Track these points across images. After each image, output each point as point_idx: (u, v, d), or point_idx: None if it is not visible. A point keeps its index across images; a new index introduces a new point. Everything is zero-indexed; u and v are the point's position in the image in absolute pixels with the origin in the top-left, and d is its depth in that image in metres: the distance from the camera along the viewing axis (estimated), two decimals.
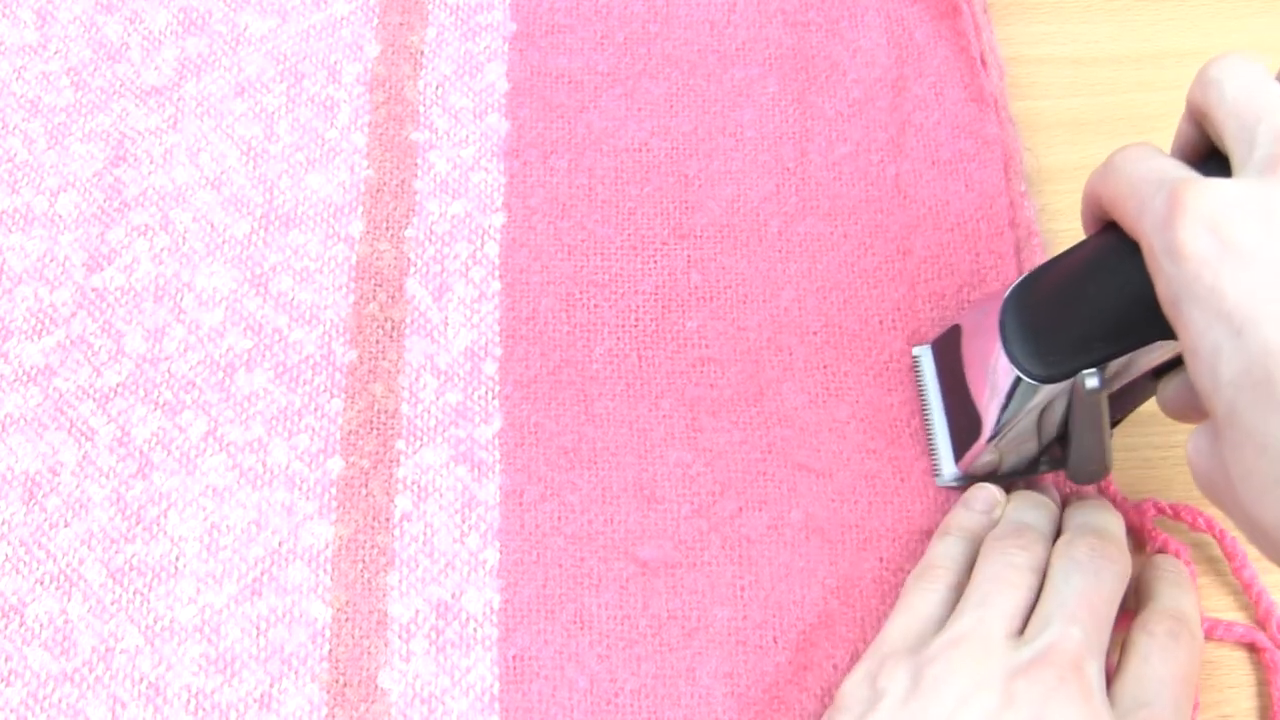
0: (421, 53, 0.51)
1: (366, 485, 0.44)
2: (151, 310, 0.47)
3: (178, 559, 0.43)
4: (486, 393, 0.46)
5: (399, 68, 0.51)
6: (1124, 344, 0.36)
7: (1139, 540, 0.44)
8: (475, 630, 0.42)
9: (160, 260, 0.47)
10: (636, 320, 0.47)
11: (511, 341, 0.46)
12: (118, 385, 0.45)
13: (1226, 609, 0.43)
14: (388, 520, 0.43)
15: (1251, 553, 0.43)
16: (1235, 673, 0.42)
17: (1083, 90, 0.53)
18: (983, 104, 0.51)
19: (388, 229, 0.48)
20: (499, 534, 0.43)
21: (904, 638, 0.40)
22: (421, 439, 0.45)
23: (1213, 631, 0.42)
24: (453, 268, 0.48)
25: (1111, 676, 0.39)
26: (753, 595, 0.43)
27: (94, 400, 0.45)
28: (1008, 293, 0.40)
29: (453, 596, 0.43)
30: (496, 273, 0.48)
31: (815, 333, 0.47)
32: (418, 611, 0.42)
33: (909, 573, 0.43)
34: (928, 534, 0.44)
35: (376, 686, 0.41)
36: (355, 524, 0.43)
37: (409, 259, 0.48)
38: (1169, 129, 0.53)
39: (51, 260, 0.47)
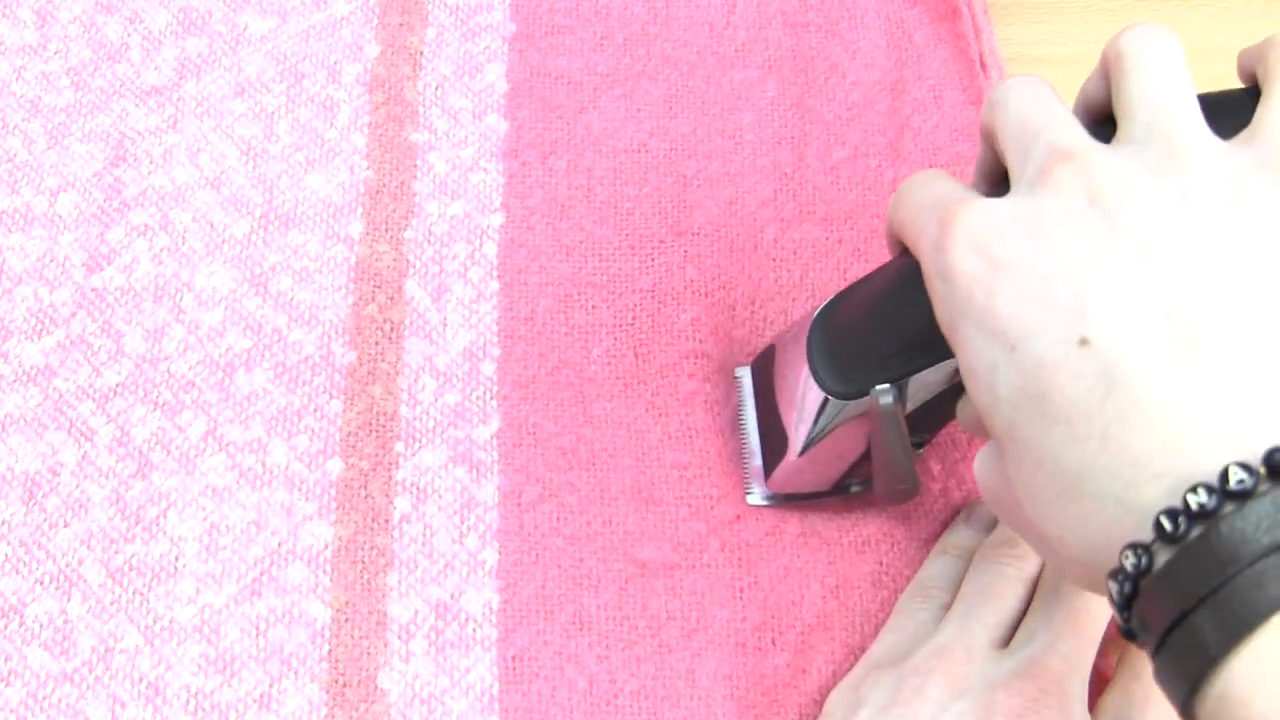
0: (421, 53, 0.51)
1: (366, 487, 0.44)
2: (151, 310, 0.47)
3: (177, 559, 0.43)
4: (485, 393, 0.46)
5: (399, 68, 0.51)
6: (918, 362, 0.37)
7: None
8: (475, 631, 0.42)
9: (160, 260, 0.47)
10: (634, 320, 0.47)
11: (510, 342, 0.46)
12: (117, 385, 0.45)
13: None
14: (387, 522, 0.43)
15: None
16: None
17: None
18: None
19: (387, 230, 0.48)
20: (498, 535, 0.43)
21: (891, 652, 0.40)
22: (420, 441, 0.45)
23: None
24: (451, 268, 0.48)
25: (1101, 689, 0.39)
26: (752, 597, 0.43)
27: (94, 400, 0.45)
28: (816, 312, 0.40)
29: (452, 597, 0.43)
30: (495, 273, 0.48)
31: None
32: (417, 612, 0.42)
33: (907, 577, 0.43)
34: (927, 540, 0.44)
35: (376, 687, 0.41)
36: (355, 525, 0.43)
37: (408, 260, 0.48)
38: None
39: (51, 260, 0.47)
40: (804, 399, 0.40)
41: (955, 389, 0.37)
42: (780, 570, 0.43)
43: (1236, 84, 0.55)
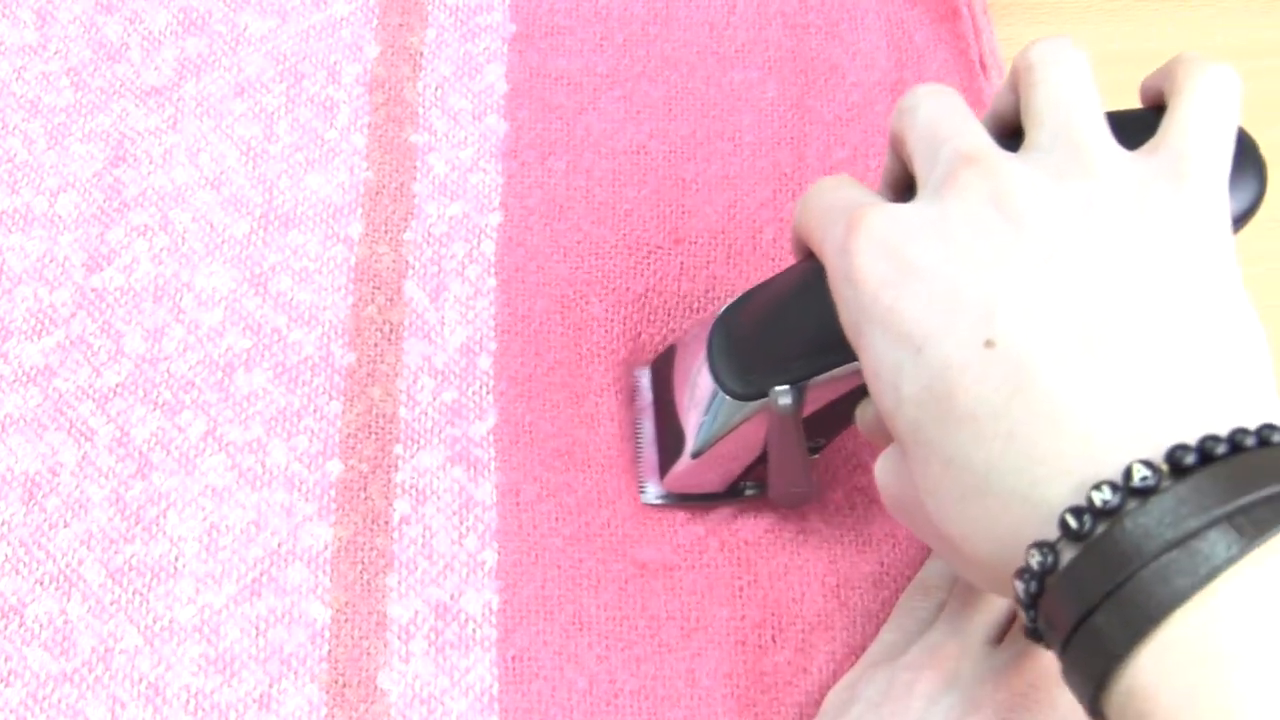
0: (421, 54, 0.51)
1: (365, 489, 0.44)
2: (151, 310, 0.47)
3: (177, 559, 0.43)
4: (481, 387, 0.46)
5: (398, 69, 0.51)
6: (818, 365, 0.37)
7: None
8: (474, 631, 0.42)
9: (160, 260, 0.47)
10: (630, 322, 0.47)
11: (507, 337, 0.46)
12: (117, 385, 0.45)
13: None
14: (386, 523, 0.43)
15: None
16: None
17: None
18: (982, 107, 0.51)
19: (386, 232, 0.48)
20: (497, 535, 0.43)
21: (889, 651, 0.40)
22: (419, 442, 0.45)
23: None
24: (449, 267, 0.48)
25: None
26: (751, 595, 0.43)
27: (93, 400, 0.45)
28: (718, 314, 0.40)
29: (451, 598, 0.43)
30: (492, 270, 0.48)
31: None
32: (417, 613, 0.42)
33: (908, 577, 0.43)
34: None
35: (376, 687, 0.41)
36: (354, 526, 0.43)
37: (407, 262, 0.48)
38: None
39: (51, 260, 0.47)
40: (703, 399, 0.40)
41: (854, 393, 0.37)
42: (780, 569, 0.43)
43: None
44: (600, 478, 0.44)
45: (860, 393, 0.37)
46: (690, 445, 0.41)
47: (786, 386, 0.38)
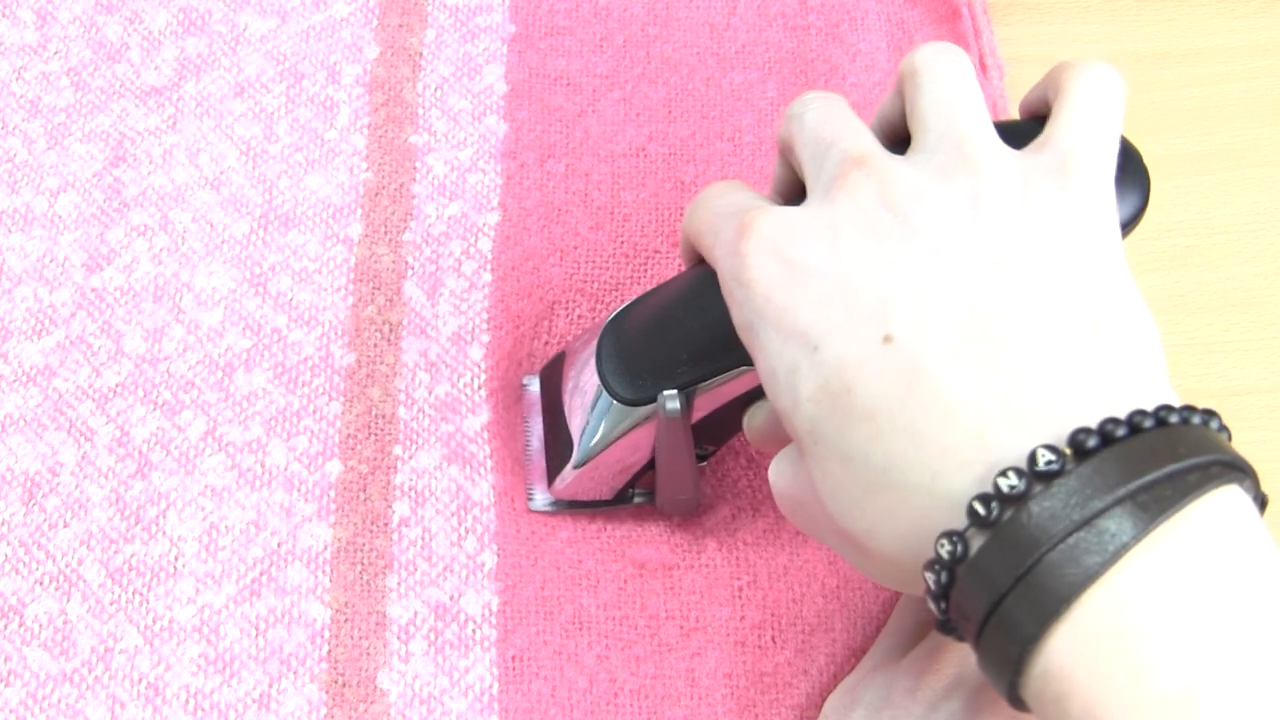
0: (420, 54, 0.51)
1: (365, 490, 0.44)
2: (151, 310, 0.47)
3: (177, 559, 0.43)
4: (473, 380, 0.46)
5: (398, 69, 0.51)
6: (706, 369, 0.37)
7: None
8: (474, 631, 0.42)
9: (160, 260, 0.47)
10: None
11: (500, 331, 0.46)
12: (117, 385, 0.45)
13: None
14: (386, 524, 0.44)
15: None
16: None
17: None
18: None
19: (385, 233, 0.48)
20: (496, 536, 0.43)
21: (888, 656, 0.40)
22: (417, 442, 0.45)
23: None
24: (446, 264, 0.48)
25: None
26: (751, 595, 0.43)
27: (93, 400, 0.45)
28: (608, 320, 0.40)
29: (451, 599, 0.43)
30: (488, 265, 0.48)
31: None
32: (416, 613, 0.42)
33: None
34: None
35: (375, 687, 0.41)
36: (354, 527, 0.43)
37: (407, 262, 0.48)
38: (1169, 129, 0.53)
39: (51, 260, 0.47)
40: (590, 405, 0.40)
41: (742, 400, 0.37)
42: (780, 569, 0.43)
43: (1238, 83, 0.55)
44: None
45: (747, 399, 0.37)
46: (577, 452, 0.41)
47: (674, 391, 0.38)
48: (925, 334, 0.29)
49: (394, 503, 0.44)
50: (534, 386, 0.46)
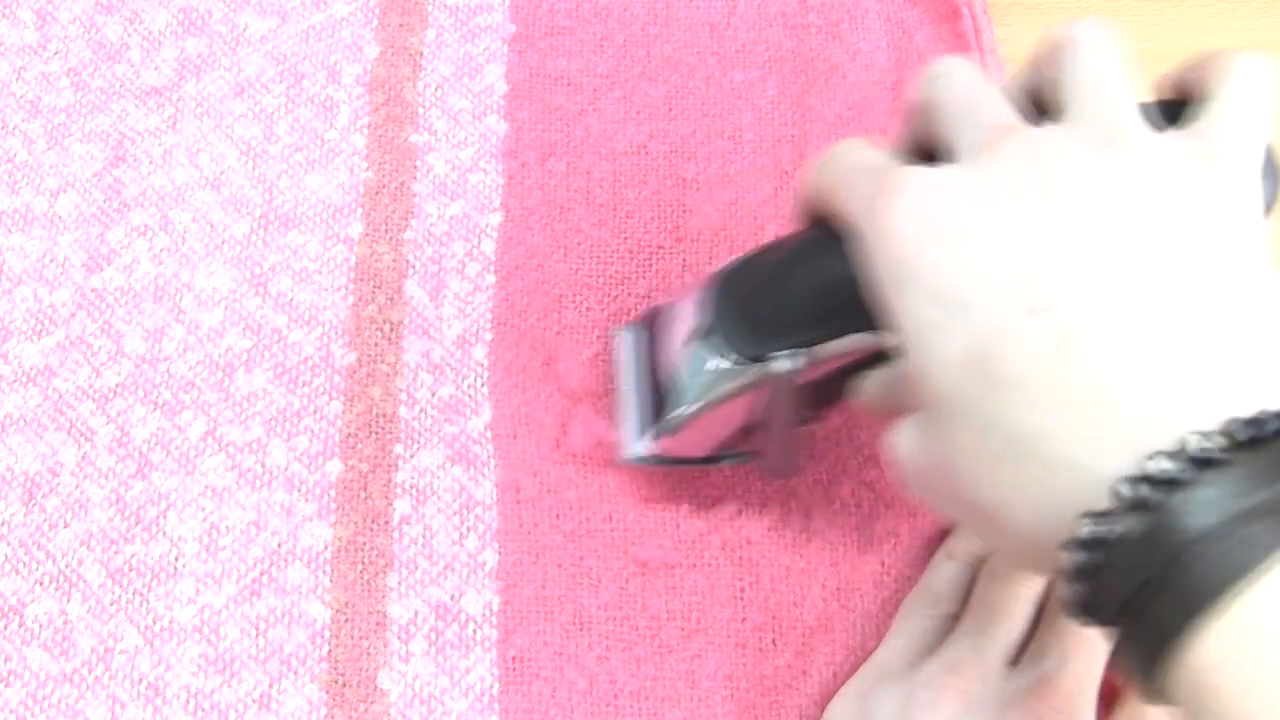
0: (421, 54, 0.51)
1: (365, 489, 0.44)
2: (151, 310, 0.47)
3: (177, 559, 0.43)
4: (476, 380, 0.46)
5: (398, 69, 0.51)
6: (820, 332, 0.36)
7: None
8: (475, 631, 0.42)
9: (160, 260, 0.47)
10: (628, 319, 0.47)
11: (503, 330, 0.46)
12: (117, 386, 0.45)
13: None
14: (387, 523, 0.43)
15: None
16: None
17: None
18: None
19: (386, 231, 0.48)
20: (497, 535, 0.43)
21: (898, 659, 0.40)
22: (419, 442, 0.45)
23: None
24: (449, 266, 0.48)
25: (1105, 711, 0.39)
26: (752, 596, 0.43)
27: (93, 401, 0.45)
28: (712, 276, 0.40)
29: (452, 598, 0.43)
30: (492, 267, 0.48)
31: None
32: (417, 613, 0.42)
33: (910, 578, 0.43)
34: (930, 539, 0.44)
35: (376, 687, 0.41)
36: (354, 526, 0.43)
37: (407, 261, 0.48)
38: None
39: (51, 260, 0.47)
40: (694, 361, 0.39)
41: (850, 368, 0.37)
42: (782, 570, 0.43)
43: None
44: (599, 472, 0.44)
45: (856, 367, 0.37)
46: (677, 408, 0.40)
47: (786, 352, 0.37)
48: (1080, 306, 0.28)
49: (395, 501, 0.44)
50: (625, 339, 0.45)
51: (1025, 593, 0.39)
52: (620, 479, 0.44)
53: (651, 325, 0.43)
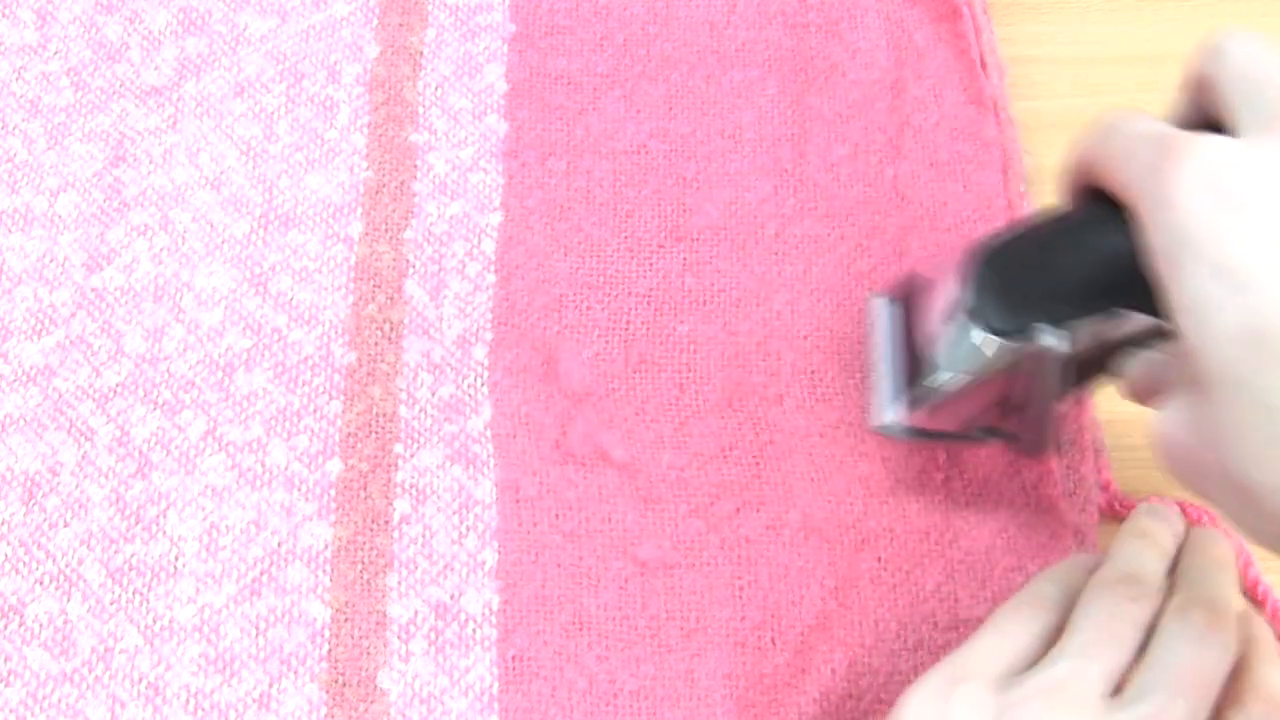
0: (421, 53, 0.51)
1: (365, 488, 0.44)
2: (151, 310, 0.47)
3: (177, 559, 0.43)
4: (476, 379, 0.46)
5: (398, 69, 0.51)
6: (1089, 308, 0.36)
7: None
8: (474, 631, 0.42)
9: (160, 260, 0.47)
10: (628, 324, 0.47)
11: (503, 329, 0.46)
12: (117, 385, 0.45)
13: None
14: (387, 523, 0.43)
15: (1256, 551, 0.43)
16: None
17: (1083, 90, 0.53)
18: (982, 106, 0.51)
19: (386, 231, 0.48)
20: (497, 534, 0.43)
21: (989, 663, 0.36)
22: (419, 441, 0.45)
23: None
24: (449, 265, 0.48)
25: None
26: (751, 596, 0.43)
27: (93, 400, 0.45)
28: (976, 246, 0.39)
29: (451, 598, 0.43)
30: (492, 268, 0.48)
31: (805, 336, 0.47)
32: (417, 612, 0.42)
33: (907, 573, 0.43)
34: (927, 535, 0.44)
35: (376, 686, 0.41)
36: (354, 526, 0.43)
37: (408, 260, 0.48)
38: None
39: (51, 260, 0.47)
40: (958, 334, 0.38)
41: (1115, 344, 0.36)
42: (780, 569, 0.43)
43: None
44: (599, 472, 0.44)
45: (1123, 345, 0.36)
46: (938, 381, 0.39)
47: (1054, 329, 0.36)
48: None
49: (394, 500, 0.44)
50: (881, 307, 0.44)
51: (1135, 617, 0.37)
52: (618, 480, 0.44)
53: (908, 295, 0.43)
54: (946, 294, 0.40)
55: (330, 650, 0.42)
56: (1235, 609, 0.38)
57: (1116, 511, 0.45)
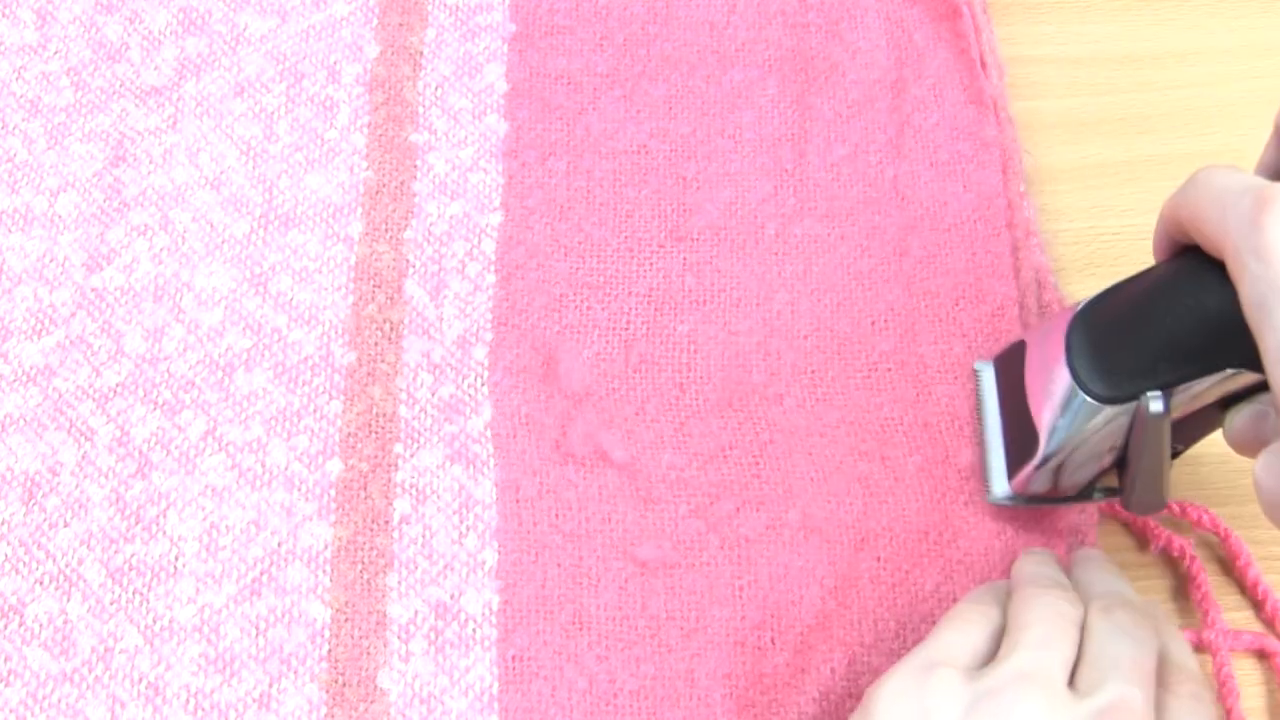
0: (421, 53, 0.51)
1: (365, 488, 0.44)
2: (151, 310, 0.47)
3: (177, 559, 0.43)
4: (476, 379, 0.46)
5: (398, 68, 0.51)
6: (1192, 369, 0.36)
7: (1142, 538, 0.45)
8: (474, 631, 0.42)
9: (160, 260, 0.47)
10: (628, 323, 0.47)
11: (503, 329, 0.46)
12: (117, 385, 0.45)
13: (1232, 607, 0.43)
14: (386, 523, 0.43)
15: (1256, 552, 0.43)
16: (1243, 677, 0.42)
17: (1083, 90, 0.53)
18: (982, 106, 0.51)
19: (386, 231, 0.48)
20: (497, 534, 0.43)
21: (955, 654, 0.38)
22: (419, 441, 0.45)
23: (1219, 644, 0.42)
24: (449, 265, 0.48)
25: None
26: (751, 596, 0.43)
27: (93, 400, 0.45)
28: (1076, 310, 0.39)
29: (451, 598, 0.43)
30: (492, 268, 0.48)
31: (805, 336, 0.47)
32: (417, 612, 0.42)
33: (906, 572, 0.43)
34: (925, 534, 0.44)
35: (376, 686, 0.41)
36: (354, 526, 0.43)
37: (407, 260, 0.48)
38: (1169, 129, 0.53)
39: (51, 260, 0.47)
40: (1062, 401, 0.39)
41: (1223, 401, 0.36)
42: (780, 569, 0.43)
43: (1238, 83, 0.55)
44: (599, 472, 0.44)
45: (1231, 400, 0.36)
46: (1044, 447, 0.40)
47: (1158, 392, 0.36)
48: None
49: (394, 500, 0.44)
50: (987, 374, 0.44)
51: (1075, 617, 0.38)
52: (618, 480, 0.44)
53: (1013, 361, 0.43)
54: (1049, 360, 0.40)
55: (330, 650, 0.42)
56: (1146, 611, 0.39)
57: (1115, 511, 0.45)
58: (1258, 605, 0.43)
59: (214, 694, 0.41)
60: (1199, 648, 0.42)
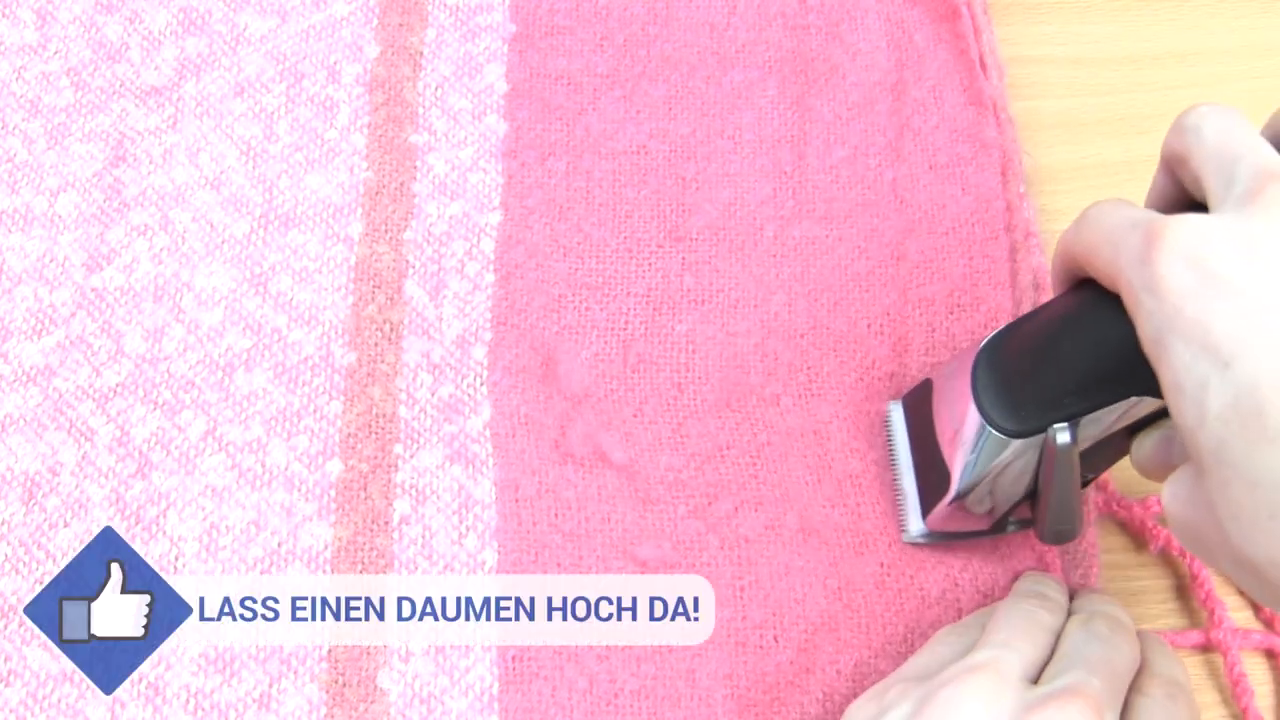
0: (421, 54, 0.51)
1: (365, 489, 0.44)
2: (151, 310, 0.47)
3: (177, 559, 0.43)
4: (475, 379, 0.46)
5: (398, 69, 0.51)
6: (1096, 399, 0.36)
7: (1139, 538, 0.45)
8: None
9: (160, 260, 0.47)
10: (627, 324, 0.47)
11: (502, 329, 0.46)
12: (117, 385, 0.45)
13: (1233, 608, 0.44)
14: (386, 524, 0.43)
15: None
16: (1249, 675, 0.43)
17: (1083, 90, 0.53)
18: (981, 107, 0.51)
19: (386, 231, 0.48)
20: (496, 534, 0.43)
21: (921, 671, 0.39)
22: (419, 441, 0.45)
23: (1229, 643, 0.42)
24: (449, 266, 0.48)
25: None
26: (752, 595, 0.43)
27: (93, 400, 0.45)
28: (980, 347, 0.40)
29: None
30: (491, 267, 0.48)
31: (802, 336, 0.47)
32: None
33: (909, 577, 0.43)
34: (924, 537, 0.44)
35: (376, 686, 0.41)
36: (354, 526, 0.43)
37: (407, 261, 0.48)
38: (1168, 129, 0.53)
39: (51, 260, 0.47)
40: (970, 437, 0.39)
41: (1129, 428, 0.37)
42: (781, 569, 0.43)
43: (1238, 83, 0.55)
44: (598, 472, 0.45)
45: (1136, 427, 0.37)
46: (955, 484, 0.40)
47: (1065, 424, 0.37)
48: None
49: (394, 501, 0.44)
50: (897, 413, 0.45)
51: (1048, 622, 0.39)
52: (617, 480, 0.44)
53: (924, 399, 0.43)
54: (957, 398, 0.40)
55: (330, 650, 0.42)
56: (1133, 628, 0.39)
57: (1115, 512, 0.45)
58: (1257, 605, 0.43)
59: (214, 694, 0.41)
60: (1207, 647, 0.43)
